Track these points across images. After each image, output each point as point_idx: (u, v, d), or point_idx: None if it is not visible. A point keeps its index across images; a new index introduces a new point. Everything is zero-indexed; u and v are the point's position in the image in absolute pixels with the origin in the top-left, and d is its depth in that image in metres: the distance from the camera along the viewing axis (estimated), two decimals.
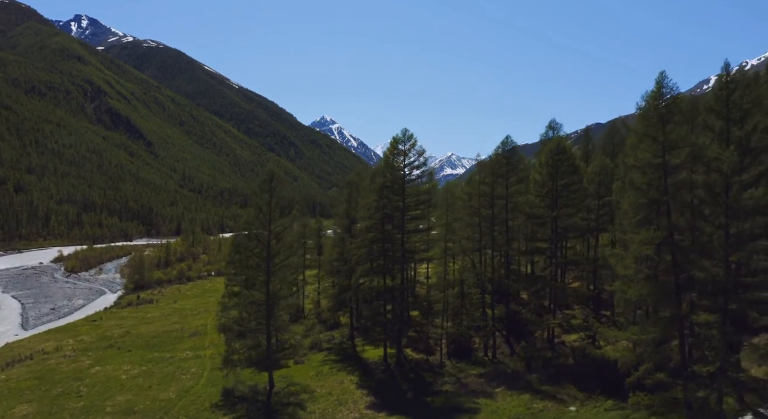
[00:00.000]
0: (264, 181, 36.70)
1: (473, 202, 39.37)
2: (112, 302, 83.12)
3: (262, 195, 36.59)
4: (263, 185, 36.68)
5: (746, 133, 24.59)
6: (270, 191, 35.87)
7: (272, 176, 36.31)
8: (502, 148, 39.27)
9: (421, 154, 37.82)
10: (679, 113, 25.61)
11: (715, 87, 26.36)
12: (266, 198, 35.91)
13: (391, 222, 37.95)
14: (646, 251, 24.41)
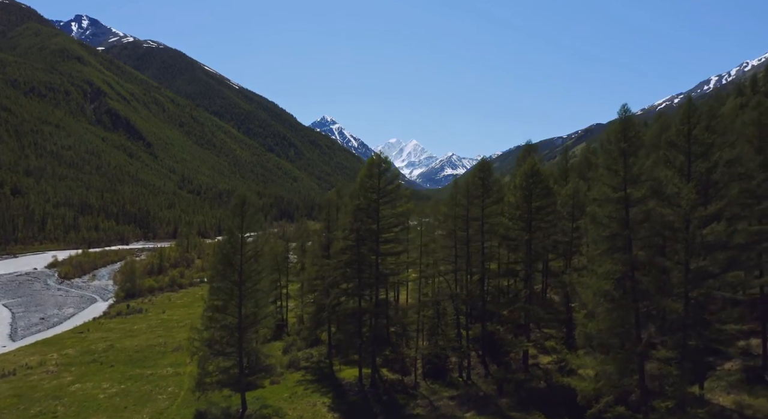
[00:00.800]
0: (236, 205, 36.70)
1: (448, 223, 39.34)
2: (102, 311, 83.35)
3: (234, 219, 36.60)
4: (235, 209, 36.69)
5: (707, 168, 24.54)
6: (241, 215, 35.88)
7: (244, 200, 36.32)
8: (478, 170, 39.22)
9: (395, 177, 37.82)
10: (642, 146, 25.53)
11: (677, 121, 26.29)
12: (238, 222, 35.93)
13: (365, 244, 37.95)
14: (605, 286, 24.40)
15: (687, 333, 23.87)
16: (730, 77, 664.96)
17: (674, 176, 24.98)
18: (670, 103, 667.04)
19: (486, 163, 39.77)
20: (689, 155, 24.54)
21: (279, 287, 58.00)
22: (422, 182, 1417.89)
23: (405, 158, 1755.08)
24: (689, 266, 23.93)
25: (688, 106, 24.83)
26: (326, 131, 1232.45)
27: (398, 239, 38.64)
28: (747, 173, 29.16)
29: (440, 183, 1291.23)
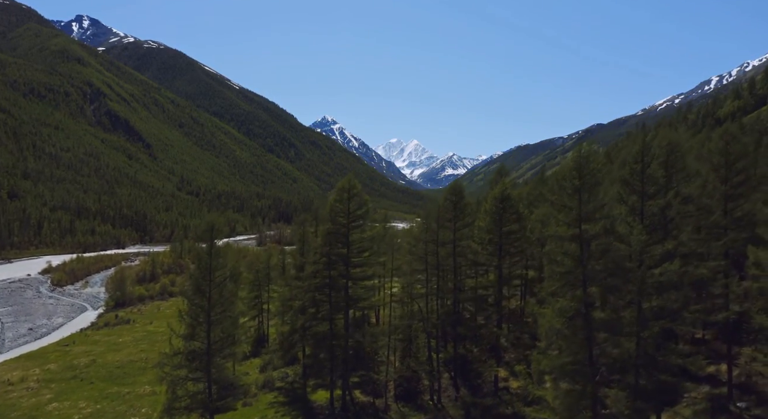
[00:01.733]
0: (204, 231, 36.75)
1: (419, 247, 39.37)
2: (90, 322, 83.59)
3: (202, 245, 36.65)
4: (204, 235, 36.73)
5: (660, 208, 24.50)
6: (210, 241, 35.93)
7: (212, 227, 36.36)
8: (450, 192, 39.20)
9: (365, 201, 37.83)
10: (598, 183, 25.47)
11: (630, 160, 26.23)
12: (206, 248, 35.98)
13: (335, 268, 37.98)
14: (557, 325, 24.39)
15: (639, 373, 23.85)
16: (731, 78, 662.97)
17: (627, 215, 24.95)
18: (671, 104, 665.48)
19: (458, 185, 39.74)
20: (642, 194, 24.50)
21: (260, 303, 58.07)
22: (423, 182, 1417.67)
23: (406, 157, 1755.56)
24: (641, 306, 23.92)
25: (642, 144, 24.77)
26: (327, 131, 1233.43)
27: (368, 263, 38.65)
28: (706, 208, 29.10)
29: (441, 183, 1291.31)
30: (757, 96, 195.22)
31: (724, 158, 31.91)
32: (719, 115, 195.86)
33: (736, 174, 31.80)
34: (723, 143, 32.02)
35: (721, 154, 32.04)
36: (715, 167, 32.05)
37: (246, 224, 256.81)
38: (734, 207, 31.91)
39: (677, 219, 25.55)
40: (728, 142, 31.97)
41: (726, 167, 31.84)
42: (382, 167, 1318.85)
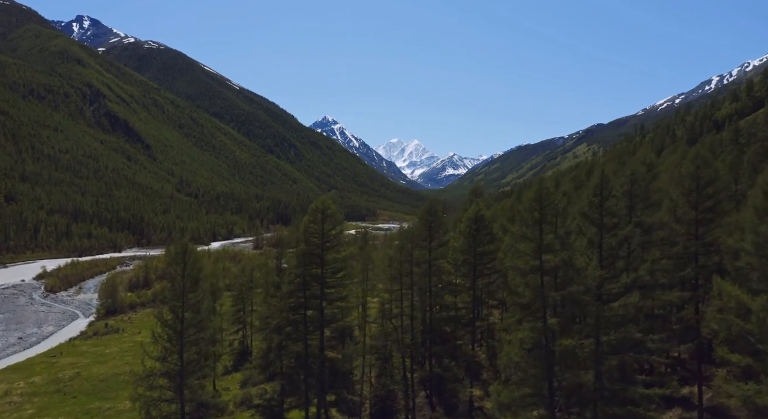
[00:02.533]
0: (177, 253, 36.82)
1: (393, 267, 39.34)
2: (80, 330, 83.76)
3: (175, 267, 36.70)
4: (177, 258, 36.80)
5: (618, 242, 24.43)
6: (183, 264, 35.98)
7: (185, 249, 36.42)
8: (425, 212, 39.16)
9: (338, 222, 37.82)
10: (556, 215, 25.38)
11: (590, 193, 26.14)
12: (179, 270, 36.03)
13: (310, 289, 37.96)
14: (515, 357, 24.34)
15: (596, 407, 23.79)
16: (732, 77, 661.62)
17: (586, 248, 24.88)
18: (671, 104, 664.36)
19: (432, 205, 39.69)
20: (601, 226, 24.40)
21: (243, 316, 58.09)
22: (423, 182, 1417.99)
23: (406, 157, 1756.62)
24: (600, 339, 23.86)
25: (601, 176, 24.68)
26: (327, 131, 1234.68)
27: (343, 284, 38.63)
28: (670, 238, 28.99)
29: (441, 183, 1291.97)
30: (755, 98, 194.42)
31: (695, 182, 31.84)
32: (717, 117, 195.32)
33: (706, 199, 31.73)
34: (694, 168, 31.92)
35: (692, 178, 31.94)
36: (686, 192, 31.97)
37: (244, 226, 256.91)
38: (705, 232, 31.86)
39: (638, 250, 25.48)
40: (699, 166, 31.86)
41: (697, 192, 31.77)
42: (383, 167, 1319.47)
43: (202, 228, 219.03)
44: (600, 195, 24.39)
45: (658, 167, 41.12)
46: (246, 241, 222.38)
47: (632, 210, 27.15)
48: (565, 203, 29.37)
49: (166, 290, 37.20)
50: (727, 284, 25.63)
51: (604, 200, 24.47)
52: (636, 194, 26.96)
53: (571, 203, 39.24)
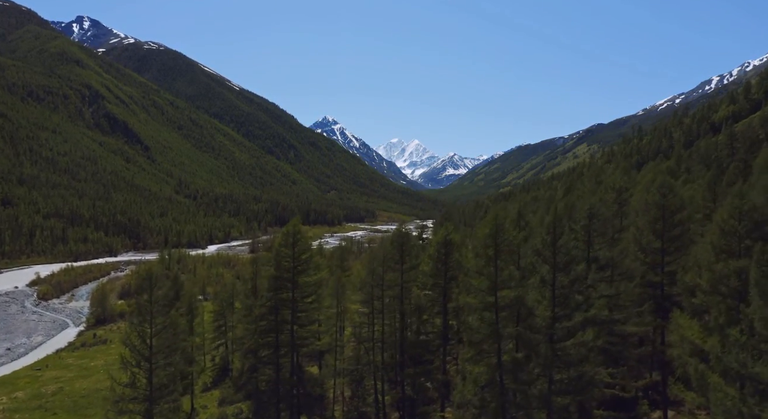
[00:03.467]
0: (144, 279, 36.85)
1: (364, 291, 39.32)
2: (68, 340, 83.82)
3: (141, 294, 36.75)
4: (143, 284, 36.83)
5: (570, 281, 24.37)
6: (150, 291, 36.02)
7: (151, 276, 36.47)
8: (397, 235, 39.13)
9: (308, 246, 37.81)
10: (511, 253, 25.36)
11: (542, 231, 26.09)
12: (146, 297, 36.07)
13: (281, 313, 37.99)
14: (468, 395, 24.33)
15: None
16: (732, 77, 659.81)
17: (539, 286, 24.84)
18: (672, 104, 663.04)
19: (403, 233, 39.65)
20: (554, 265, 24.34)
21: (225, 331, 58.07)
22: (424, 182, 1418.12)
23: (407, 157, 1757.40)
24: (553, 378, 23.83)
25: (554, 215, 24.61)
26: (328, 131, 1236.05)
27: (313, 307, 38.65)
28: (628, 273, 28.92)
29: (442, 183, 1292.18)
30: (752, 101, 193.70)
31: (661, 211, 31.78)
32: (714, 120, 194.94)
33: (672, 228, 31.67)
34: (660, 196, 31.86)
35: (658, 207, 31.89)
36: (651, 221, 31.91)
37: (242, 228, 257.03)
38: (672, 261, 31.80)
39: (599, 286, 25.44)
40: (665, 194, 31.80)
41: (662, 221, 31.71)
42: (383, 167, 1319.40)
43: (198, 231, 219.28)
44: (553, 233, 24.32)
45: (630, 190, 40.98)
46: (243, 244, 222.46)
47: (590, 245, 27.09)
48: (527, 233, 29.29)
49: (133, 313, 37.20)
50: (685, 318, 25.60)
51: (557, 238, 24.41)
52: (594, 229, 26.88)
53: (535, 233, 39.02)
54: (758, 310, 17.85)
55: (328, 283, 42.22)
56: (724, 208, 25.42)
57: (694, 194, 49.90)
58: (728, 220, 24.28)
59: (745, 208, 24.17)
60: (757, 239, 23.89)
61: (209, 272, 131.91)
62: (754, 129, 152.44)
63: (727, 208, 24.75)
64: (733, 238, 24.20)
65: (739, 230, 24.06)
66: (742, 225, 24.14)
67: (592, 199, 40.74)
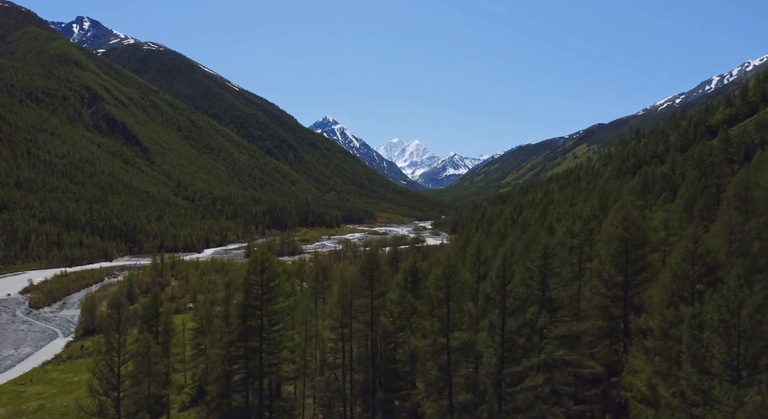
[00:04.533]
0: (113, 308, 36.90)
1: (335, 315, 39.25)
2: (55, 353, 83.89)
3: (110, 321, 36.80)
4: (111, 313, 36.89)
5: (519, 326, 24.27)
6: (118, 319, 36.04)
7: (119, 305, 36.51)
8: (367, 261, 39.03)
9: (276, 274, 37.76)
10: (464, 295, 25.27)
11: (492, 275, 25.95)
12: (114, 325, 36.10)
13: (249, 340, 37.95)
14: None
15: None
16: (732, 77, 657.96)
17: (488, 329, 24.73)
18: (672, 104, 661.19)
19: (373, 255, 39.54)
20: (504, 310, 24.25)
21: (204, 348, 57.90)
22: (424, 182, 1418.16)
23: (407, 157, 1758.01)
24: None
25: (504, 260, 24.50)
26: (328, 131, 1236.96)
27: (282, 335, 38.59)
28: (581, 313, 28.77)
29: (442, 183, 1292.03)
30: (749, 104, 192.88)
31: (624, 244, 31.64)
32: (711, 123, 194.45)
33: (635, 261, 31.53)
34: (622, 230, 31.71)
35: (621, 240, 31.75)
36: (614, 254, 31.77)
37: (239, 231, 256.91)
38: (633, 295, 31.67)
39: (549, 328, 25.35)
40: (627, 228, 31.66)
41: (625, 254, 31.57)
42: (383, 167, 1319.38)
43: (195, 235, 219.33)
44: (502, 277, 24.22)
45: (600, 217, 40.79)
46: (240, 247, 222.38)
47: (545, 285, 26.97)
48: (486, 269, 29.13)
49: (101, 341, 37.26)
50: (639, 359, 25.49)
51: (507, 282, 24.31)
52: (550, 267, 26.74)
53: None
54: (688, 376, 17.73)
55: (301, 306, 42.04)
56: (677, 250, 25.27)
57: (671, 215, 49.72)
58: (681, 263, 24.14)
59: (698, 252, 24.03)
60: (710, 283, 23.77)
61: (201, 279, 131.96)
62: (749, 134, 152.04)
63: (681, 251, 24.61)
64: (685, 282, 24.07)
65: (692, 274, 23.92)
66: (695, 269, 24.01)
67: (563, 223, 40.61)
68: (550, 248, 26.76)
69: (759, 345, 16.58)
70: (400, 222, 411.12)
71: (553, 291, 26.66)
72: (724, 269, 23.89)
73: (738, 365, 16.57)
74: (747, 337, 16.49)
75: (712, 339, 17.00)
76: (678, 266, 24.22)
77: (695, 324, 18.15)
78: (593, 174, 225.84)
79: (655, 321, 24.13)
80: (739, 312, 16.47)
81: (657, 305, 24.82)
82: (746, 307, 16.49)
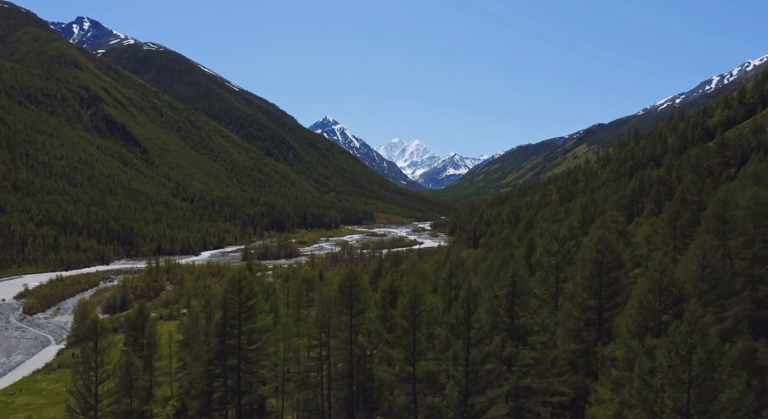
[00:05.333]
0: (89, 329, 36.93)
1: (313, 334, 39.17)
2: (48, 360, 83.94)
3: (87, 344, 36.82)
4: (88, 333, 36.92)
5: (482, 357, 24.17)
6: (95, 340, 36.04)
7: (95, 325, 36.54)
8: (346, 279, 38.96)
9: (254, 294, 37.72)
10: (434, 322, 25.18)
11: (456, 305, 25.83)
12: (91, 345, 36.09)
13: (228, 359, 37.93)
14: None
15: None
16: (732, 77, 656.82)
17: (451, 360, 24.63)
18: (672, 104, 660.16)
19: (353, 273, 39.47)
20: (468, 340, 24.15)
21: (190, 361, 57.83)
22: (424, 182, 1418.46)
23: (407, 157, 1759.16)
24: None
25: (467, 291, 24.40)
26: (328, 131, 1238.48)
27: (260, 354, 38.54)
28: (549, 342, 28.59)
29: (442, 183, 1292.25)
30: (746, 105, 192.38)
31: (598, 267, 31.53)
32: (708, 125, 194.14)
33: (608, 285, 31.42)
34: (596, 253, 31.60)
35: (595, 263, 31.64)
36: (588, 278, 31.65)
37: (237, 233, 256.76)
38: (608, 318, 31.55)
39: (516, 357, 25.25)
40: (601, 251, 31.55)
41: (599, 278, 31.47)
42: (384, 167, 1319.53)
43: (192, 237, 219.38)
44: (467, 308, 24.13)
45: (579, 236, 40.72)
46: (237, 250, 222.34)
47: (512, 313, 26.85)
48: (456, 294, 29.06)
49: (78, 360, 37.27)
50: (606, 389, 25.38)
51: (471, 313, 24.22)
52: (518, 296, 26.64)
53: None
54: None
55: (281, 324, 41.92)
56: (644, 280, 25.14)
57: (656, 228, 49.60)
58: (646, 294, 24.04)
59: (664, 282, 23.92)
60: (676, 315, 23.67)
61: (196, 283, 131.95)
62: (745, 137, 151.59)
63: (647, 281, 24.50)
64: (651, 314, 23.97)
65: (657, 306, 23.81)
66: (661, 300, 23.90)
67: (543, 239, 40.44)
68: (518, 276, 26.66)
69: (711, 391, 16.49)
70: (399, 223, 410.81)
71: (521, 319, 26.57)
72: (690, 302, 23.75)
73: (689, 411, 16.47)
74: (698, 383, 16.39)
75: (663, 384, 16.91)
76: (644, 296, 24.11)
77: (646, 369, 18.03)
78: (591, 176, 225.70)
79: (620, 351, 24.03)
80: (690, 358, 16.36)
81: (623, 335, 24.72)
82: (697, 353, 16.38)
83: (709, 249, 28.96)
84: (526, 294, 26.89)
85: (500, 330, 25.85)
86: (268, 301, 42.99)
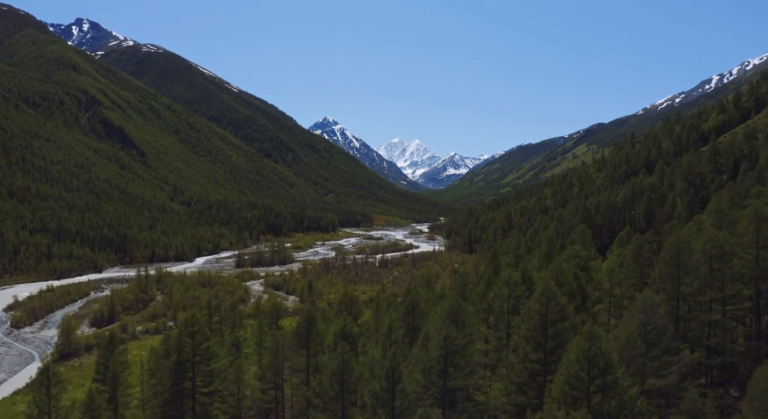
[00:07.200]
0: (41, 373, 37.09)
1: (267, 376, 39.13)
2: (29, 379, 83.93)
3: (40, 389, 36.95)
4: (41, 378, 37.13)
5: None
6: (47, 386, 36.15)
7: (48, 369, 36.74)
8: (305, 320, 38.91)
9: (206, 337, 37.69)
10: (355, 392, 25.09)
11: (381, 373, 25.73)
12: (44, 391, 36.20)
13: (182, 401, 37.93)
14: None
15: None
16: (732, 76, 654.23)
17: None
18: (671, 103, 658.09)
19: (311, 313, 39.39)
20: (393, 410, 24.07)
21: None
22: (425, 182, 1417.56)
23: (408, 157, 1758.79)
24: None
25: (391, 360, 24.30)
26: (328, 132, 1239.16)
27: (213, 397, 38.51)
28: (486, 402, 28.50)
29: (443, 183, 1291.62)
30: (742, 109, 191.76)
31: (542, 320, 31.38)
32: (703, 129, 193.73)
33: (553, 338, 31.27)
34: (540, 305, 31.44)
35: (539, 315, 31.49)
36: (532, 330, 31.51)
37: (232, 238, 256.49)
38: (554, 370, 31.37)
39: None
40: (546, 304, 31.39)
41: (543, 330, 31.31)
42: (384, 167, 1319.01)
43: (186, 244, 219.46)
44: (391, 378, 24.03)
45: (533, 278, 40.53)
46: (232, 255, 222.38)
47: (446, 375, 26.72)
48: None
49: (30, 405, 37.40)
50: None
51: (396, 383, 24.10)
52: (450, 358, 26.50)
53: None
54: None
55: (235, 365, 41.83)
56: (573, 347, 24.99)
57: (623, 260, 49.37)
58: (573, 363, 23.89)
59: (592, 352, 23.76)
60: (601, 387, 23.51)
61: (185, 294, 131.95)
62: (738, 144, 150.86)
63: (574, 350, 24.34)
64: (578, 383, 23.82)
65: (584, 376, 23.67)
66: (588, 370, 23.74)
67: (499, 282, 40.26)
68: (450, 339, 26.52)
69: None
70: (398, 225, 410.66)
71: (455, 382, 26.44)
72: (616, 372, 23.61)
73: None
74: None
75: None
76: (571, 365, 23.96)
77: None
78: (586, 180, 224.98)
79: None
80: None
81: (555, 400, 24.58)
82: None
83: (651, 306, 28.77)
84: (460, 355, 26.76)
85: (431, 394, 25.74)
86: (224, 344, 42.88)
